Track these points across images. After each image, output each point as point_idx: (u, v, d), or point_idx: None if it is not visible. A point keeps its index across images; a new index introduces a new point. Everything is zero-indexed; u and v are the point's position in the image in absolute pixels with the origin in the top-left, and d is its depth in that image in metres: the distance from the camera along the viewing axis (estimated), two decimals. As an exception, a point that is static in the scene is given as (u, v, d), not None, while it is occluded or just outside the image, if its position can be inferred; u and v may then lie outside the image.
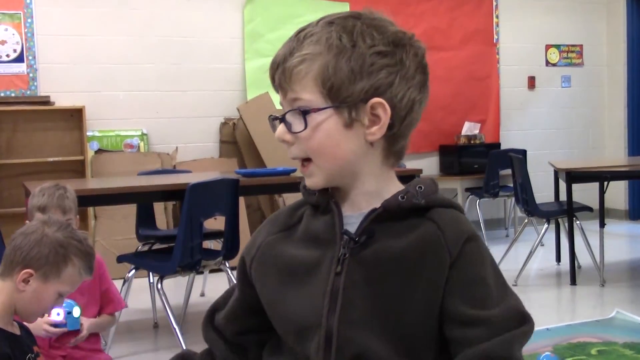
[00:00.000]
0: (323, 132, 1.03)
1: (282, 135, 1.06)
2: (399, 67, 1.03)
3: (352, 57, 1.01)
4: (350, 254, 1.03)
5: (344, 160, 1.04)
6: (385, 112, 1.02)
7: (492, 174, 6.36)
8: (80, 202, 2.84)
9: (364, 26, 1.03)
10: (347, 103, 1.01)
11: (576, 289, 4.78)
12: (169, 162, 5.88)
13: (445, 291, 1.00)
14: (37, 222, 1.81)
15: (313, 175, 1.06)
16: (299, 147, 1.05)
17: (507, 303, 1.02)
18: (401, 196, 1.04)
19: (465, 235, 1.02)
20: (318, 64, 1.01)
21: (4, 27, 5.59)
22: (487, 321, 0.99)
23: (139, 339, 3.88)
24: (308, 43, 1.02)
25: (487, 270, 1.03)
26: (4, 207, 5.37)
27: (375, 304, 1.00)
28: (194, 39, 6.12)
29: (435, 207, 1.05)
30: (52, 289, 1.75)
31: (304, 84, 1.02)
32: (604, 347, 3.48)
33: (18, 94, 5.61)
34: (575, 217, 4.90)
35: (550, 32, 7.58)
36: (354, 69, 1.00)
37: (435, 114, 6.97)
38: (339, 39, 1.01)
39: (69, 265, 1.77)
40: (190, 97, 6.13)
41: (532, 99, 7.55)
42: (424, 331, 1.00)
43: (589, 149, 7.80)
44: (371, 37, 1.02)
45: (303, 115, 1.02)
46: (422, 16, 6.91)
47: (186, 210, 3.36)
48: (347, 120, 1.02)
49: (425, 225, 1.03)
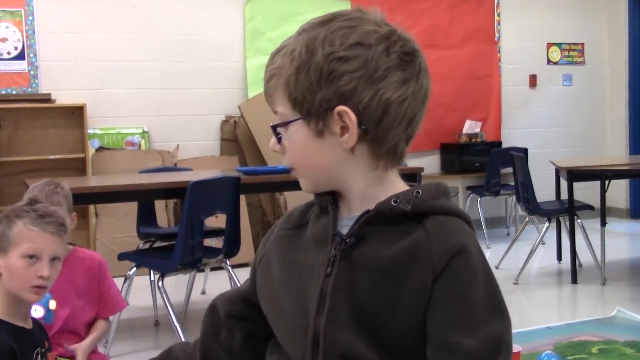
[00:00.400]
0: (296, 143, 1.04)
1: (273, 146, 1.08)
2: (363, 71, 0.99)
3: (311, 67, 0.99)
4: (341, 255, 1.02)
5: (322, 168, 1.04)
6: (351, 120, 0.99)
7: (493, 172, 6.35)
8: (81, 200, 2.85)
9: (329, 32, 1.00)
10: (312, 114, 1.01)
11: (577, 287, 4.78)
12: (170, 159, 5.88)
13: (428, 306, 0.96)
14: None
15: (300, 181, 1.09)
16: (286, 157, 1.08)
17: (489, 330, 0.96)
18: (394, 200, 1.01)
19: (454, 250, 0.97)
20: (284, 77, 1.02)
21: (5, 25, 5.59)
22: (458, 349, 0.94)
23: (139, 336, 3.89)
24: (278, 56, 1.04)
25: (474, 289, 0.97)
26: (5, 205, 5.36)
27: (361, 308, 0.99)
28: (195, 36, 6.12)
29: (433, 214, 1.01)
30: (14, 256, 1.76)
31: (276, 97, 1.05)
32: (605, 345, 3.48)
33: (19, 91, 5.61)
34: (576, 216, 4.90)
35: (551, 30, 7.58)
36: (312, 80, 0.99)
37: (436, 113, 6.96)
38: (300, 51, 1.00)
39: (12, 227, 1.78)
40: (192, 95, 6.13)
41: (534, 97, 7.55)
42: (410, 341, 0.98)
43: (590, 148, 7.79)
44: (331, 44, 0.99)
45: (273, 129, 1.06)
46: (423, 14, 6.91)
47: (187, 208, 3.36)
48: (315, 131, 1.02)
49: (418, 232, 0.99)
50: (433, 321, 0.96)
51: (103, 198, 3.97)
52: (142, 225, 4.38)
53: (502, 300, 1.00)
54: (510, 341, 0.98)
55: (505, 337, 0.97)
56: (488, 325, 0.96)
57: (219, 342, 1.21)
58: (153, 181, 3.98)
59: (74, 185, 3.93)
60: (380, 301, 0.98)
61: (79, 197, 3.71)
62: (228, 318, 1.20)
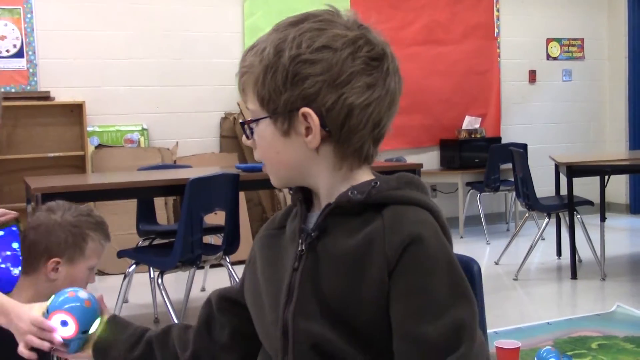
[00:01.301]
0: (264, 140, 1.07)
1: (244, 141, 1.12)
2: (327, 75, 1.00)
3: (277, 69, 1.01)
4: (308, 249, 1.04)
5: (288, 166, 1.07)
6: (314, 122, 1.01)
7: (493, 168, 6.35)
8: (80, 198, 2.85)
9: (298, 33, 1.02)
10: (278, 114, 1.03)
11: (577, 283, 4.78)
12: (169, 157, 5.87)
13: (389, 297, 0.97)
14: (39, 213, 1.85)
15: (270, 176, 1.12)
16: (256, 152, 1.11)
17: (450, 316, 0.95)
18: (351, 191, 1.03)
19: (407, 240, 0.97)
20: (253, 76, 1.04)
21: (3, 23, 5.58)
22: (418, 339, 0.94)
23: (139, 334, 3.88)
24: (249, 54, 1.06)
25: (432, 278, 0.96)
26: (4, 203, 5.36)
27: (327, 299, 1.01)
28: (194, 33, 6.11)
29: (392, 205, 1.01)
30: (81, 267, 1.81)
31: (248, 94, 1.07)
32: (604, 341, 3.48)
33: (18, 89, 5.61)
34: (576, 211, 4.90)
35: (551, 25, 7.57)
36: (278, 81, 1.01)
37: (435, 108, 6.96)
38: (269, 52, 1.02)
39: (88, 241, 1.82)
40: (191, 92, 6.12)
41: (533, 93, 7.54)
42: (378, 330, 0.98)
43: (589, 143, 7.79)
44: (298, 46, 1.00)
45: (242, 125, 1.09)
46: (423, 10, 6.90)
47: (186, 205, 3.36)
48: (282, 130, 1.04)
49: (375, 223, 1.00)
50: (394, 312, 0.97)
51: (102, 195, 3.97)
52: (142, 223, 4.38)
53: (465, 286, 0.99)
54: (474, 325, 0.97)
55: (468, 322, 0.96)
56: (449, 312, 0.95)
57: (210, 334, 1.23)
58: (152, 178, 3.97)
59: (73, 183, 3.93)
60: (344, 293, 1.00)
61: (78, 194, 3.71)
62: (219, 312, 1.23)
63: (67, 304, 1.27)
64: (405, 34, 6.77)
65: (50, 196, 3.43)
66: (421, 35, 6.89)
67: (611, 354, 3.29)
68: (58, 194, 3.48)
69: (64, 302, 1.28)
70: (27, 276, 1.78)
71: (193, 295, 4.26)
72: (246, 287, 1.18)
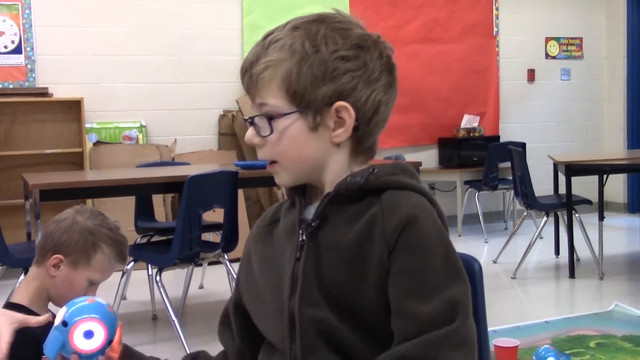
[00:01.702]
0: (288, 136, 1.06)
1: (250, 138, 1.10)
2: (363, 71, 1.05)
3: (315, 62, 1.03)
4: (309, 239, 1.06)
5: (308, 161, 1.08)
6: (350, 116, 1.05)
7: (491, 166, 6.35)
8: (78, 194, 2.84)
9: (327, 30, 1.05)
10: (311, 108, 1.05)
11: (575, 282, 4.78)
12: (168, 154, 5.87)
13: (388, 279, 1.00)
14: (70, 210, 1.85)
15: (279, 175, 1.11)
16: (266, 150, 1.09)
17: (445, 295, 0.98)
18: (350, 177, 1.06)
19: (404, 221, 1.01)
20: (282, 70, 1.04)
21: (1, 19, 5.56)
22: (415, 315, 0.97)
23: (137, 331, 3.88)
24: (273, 49, 1.06)
25: (428, 258, 1.00)
26: (2, 199, 5.37)
27: (330, 287, 1.03)
28: (193, 30, 6.10)
29: (389, 190, 1.06)
30: (82, 275, 1.78)
31: (269, 89, 1.06)
32: (602, 339, 3.49)
33: (16, 85, 5.60)
34: (574, 210, 4.90)
35: (550, 24, 7.57)
36: (316, 74, 1.03)
37: (434, 107, 6.96)
38: (302, 45, 1.04)
39: (98, 252, 1.79)
40: (189, 89, 6.11)
41: (532, 91, 7.54)
42: (380, 314, 1.01)
43: (588, 142, 7.79)
44: (334, 42, 1.04)
45: (268, 121, 1.06)
46: (421, 8, 6.89)
47: (185, 202, 3.35)
48: (311, 124, 1.06)
49: (374, 207, 1.04)
50: (392, 291, 1.00)
51: (101, 192, 3.97)
52: (140, 220, 4.37)
53: (459, 266, 1.03)
54: (468, 304, 1.01)
55: (462, 299, 1.00)
56: (444, 290, 0.99)
57: (235, 343, 1.24)
58: (151, 175, 3.97)
59: (71, 179, 3.92)
60: (346, 279, 1.02)
61: (76, 191, 3.71)
62: (241, 320, 1.22)
63: (94, 310, 1.12)
64: (404, 32, 6.76)
65: (49, 193, 3.43)
66: (420, 33, 6.89)
67: (609, 352, 3.29)
68: (56, 190, 3.49)
69: (90, 309, 1.12)
70: (37, 267, 1.78)
71: (191, 292, 4.26)
72: (243, 285, 1.19)
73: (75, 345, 1.11)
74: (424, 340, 0.96)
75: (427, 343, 0.96)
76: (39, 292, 1.76)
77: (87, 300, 1.14)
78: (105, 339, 1.11)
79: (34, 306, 1.74)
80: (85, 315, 1.11)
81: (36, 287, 1.76)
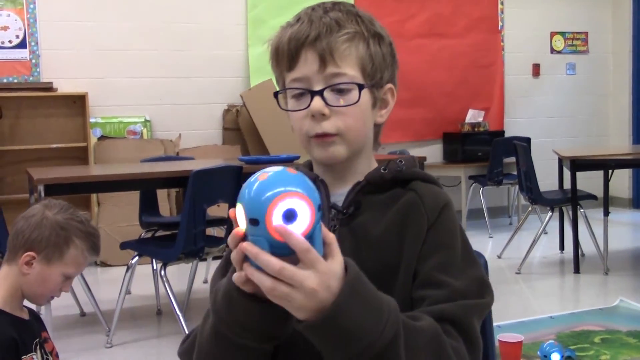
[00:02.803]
0: (359, 108, 1.07)
1: (321, 108, 1.05)
2: (396, 60, 1.15)
3: (385, 45, 1.10)
4: (340, 225, 1.09)
5: (365, 137, 1.12)
6: (393, 98, 1.13)
7: (496, 161, 6.34)
8: (83, 189, 2.84)
9: (373, 19, 1.12)
10: (376, 85, 1.10)
11: (580, 277, 4.78)
12: (172, 148, 5.87)
13: (419, 255, 1.05)
14: (38, 205, 1.81)
15: (336, 148, 1.08)
16: (332, 122, 1.06)
17: (470, 274, 1.05)
18: (383, 168, 1.11)
19: (442, 203, 1.09)
20: (362, 44, 1.07)
21: (6, 13, 5.57)
22: (449, 286, 1.02)
23: (142, 325, 3.89)
24: (349, 23, 1.07)
25: (457, 239, 1.07)
26: (7, 194, 5.38)
27: (365, 272, 1.02)
28: (197, 25, 6.10)
29: (415, 180, 1.12)
30: (56, 270, 1.75)
31: (348, 61, 1.06)
32: (607, 335, 3.48)
33: (21, 80, 5.60)
34: (579, 205, 4.89)
35: (555, 19, 7.54)
36: (385, 56, 1.10)
37: (439, 102, 6.95)
38: (377, 27, 1.10)
39: (71, 246, 1.76)
40: (194, 84, 6.11)
41: (537, 86, 7.52)
42: (408, 298, 1.05)
43: (593, 137, 7.77)
44: (384, 30, 1.12)
45: (359, 90, 1.06)
46: (426, 3, 6.87)
47: (189, 197, 3.36)
48: (375, 101, 1.11)
49: (407, 195, 1.10)
50: (423, 266, 1.05)
51: (105, 187, 3.97)
52: (145, 214, 4.38)
53: (474, 253, 1.11)
54: (491, 286, 1.09)
55: (486, 279, 1.08)
56: (469, 270, 1.06)
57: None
58: (155, 170, 3.97)
59: (75, 174, 3.92)
60: (383, 263, 1.06)
61: (80, 186, 3.71)
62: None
63: (295, 181, 0.82)
64: (409, 26, 6.75)
65: (53, 187, 3.43)
66: (424, 28, 6.87)
67: (614, 348, 3.29)
68: (61, 185, 3.49)
69: (290, 180, 0.82)
70: (8, 265, 1.75)
71: (196, 287, 4.26)
72: None
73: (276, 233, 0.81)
74: (461, 304, 1.01)
75: (464, 307, 1.01)
76: (11, 291, 1.73)
77: (285, 169, 0.85)
78: (313, 219, 0.83)
79: (7, 306, 1.71)
80: (288, 188, 0.82)
81: (8, 286, 1.73)
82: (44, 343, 1.75)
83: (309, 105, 1.05)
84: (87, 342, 3.61)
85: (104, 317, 3.73)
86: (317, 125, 1.06)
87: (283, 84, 1.11)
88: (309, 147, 1.10)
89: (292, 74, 1.08)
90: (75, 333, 3.79)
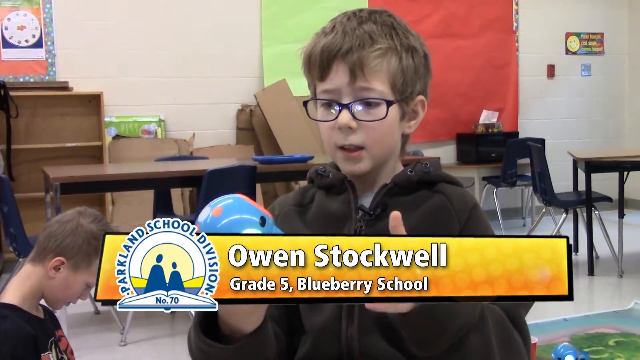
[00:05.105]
0: (387, 123, 1.09)
1: (348, 121, 1.07)
2: (430, 71, 1.15)
3: (416, 57, 1.10)
4: (366, 226, 1.10)
5: (391, 150, 1.14)
6: (424, 109, 1.15)
7: (510, 163, 6.31)
8: (98, 188, 2.86)
9: (407, 26, 1.12)
10: (405, 99, 1.10)
11: (594, 279, 4.75)
12: (186, 148, 5.89)
13: None
14: (73, 211, 1.83)
15: (362, 161, 1.11)
16: (359, 135, 1.08)
17: None
18: (409, 170, 1.13)
19: (470, 204, 1.12)
20: (395, 59, 1.08)
21: (22, 13, 5.61)
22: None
23: (156, 324, 3.91)
24: (381, 39, 1.07)
25: (490, 233, 1.11)
26: (23, 192, 5.41)
27: None
28: (211, 24, 6.11)
29: (440, 182, 1.14)
30: (81, 279, 1.77)
31: (379, 76, 1.07)
32: (622, 338, 3.46)
33: (37, 79, 5.64)
34: (594, 207, 4.86)
35: (570, 20, 7.50)
36: (418, 69, 1.11)
37: (453, 102, 6.92)
38: (406, 38, 1.09)
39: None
40: (208, 84, 6.13)
41: (552, 87, 7.48)
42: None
43: (608, 139, 7.72)
44: (419, 41, 1.12)
45: (387, 106, 1.07)
46: (440, 3, 6.86)
47: (203, 196, 3.37)
48: (403, 114, 1.12)
49: (434, 197, 1.12)
50: None
51: (120, 186, 3.99)
52: (159, 213, 4.40)
53: None
54: None
55: None
56: None
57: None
58: (169, 169, 3.99)
59: (90, 173, 3.95)
60: None
61: (95, 184, 3.74)
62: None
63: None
64: (423, 27, 6.73)
65: (69, 186, 3.45)
66: (439, 28, 6.86)
67: (629, 351, 3.27)
68: (76, 183, 3.52)
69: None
70: (33, 265, 1.76)
71: (209, 286, 4.28)
72: None
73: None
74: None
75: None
76: (32, 291, 1.74)
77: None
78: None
79: (26, 305, 1.72)
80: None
81: (30, 286, 1.74)
82: (57, 342, 1.77)
83: (336, 117, 1.07)
84: (102, 340, 3.64)
85: (118, 315, 3.75)
86: (344, 137, 1.08)
87: (314, 92, 1.12)
88: (335, 157, 1.13)
89: (323, 84, 1.09)
90: (90, 331, 3.82)
